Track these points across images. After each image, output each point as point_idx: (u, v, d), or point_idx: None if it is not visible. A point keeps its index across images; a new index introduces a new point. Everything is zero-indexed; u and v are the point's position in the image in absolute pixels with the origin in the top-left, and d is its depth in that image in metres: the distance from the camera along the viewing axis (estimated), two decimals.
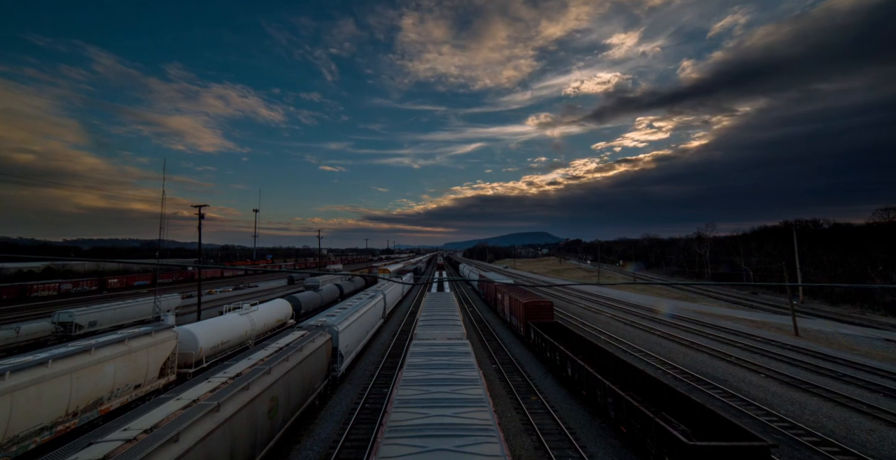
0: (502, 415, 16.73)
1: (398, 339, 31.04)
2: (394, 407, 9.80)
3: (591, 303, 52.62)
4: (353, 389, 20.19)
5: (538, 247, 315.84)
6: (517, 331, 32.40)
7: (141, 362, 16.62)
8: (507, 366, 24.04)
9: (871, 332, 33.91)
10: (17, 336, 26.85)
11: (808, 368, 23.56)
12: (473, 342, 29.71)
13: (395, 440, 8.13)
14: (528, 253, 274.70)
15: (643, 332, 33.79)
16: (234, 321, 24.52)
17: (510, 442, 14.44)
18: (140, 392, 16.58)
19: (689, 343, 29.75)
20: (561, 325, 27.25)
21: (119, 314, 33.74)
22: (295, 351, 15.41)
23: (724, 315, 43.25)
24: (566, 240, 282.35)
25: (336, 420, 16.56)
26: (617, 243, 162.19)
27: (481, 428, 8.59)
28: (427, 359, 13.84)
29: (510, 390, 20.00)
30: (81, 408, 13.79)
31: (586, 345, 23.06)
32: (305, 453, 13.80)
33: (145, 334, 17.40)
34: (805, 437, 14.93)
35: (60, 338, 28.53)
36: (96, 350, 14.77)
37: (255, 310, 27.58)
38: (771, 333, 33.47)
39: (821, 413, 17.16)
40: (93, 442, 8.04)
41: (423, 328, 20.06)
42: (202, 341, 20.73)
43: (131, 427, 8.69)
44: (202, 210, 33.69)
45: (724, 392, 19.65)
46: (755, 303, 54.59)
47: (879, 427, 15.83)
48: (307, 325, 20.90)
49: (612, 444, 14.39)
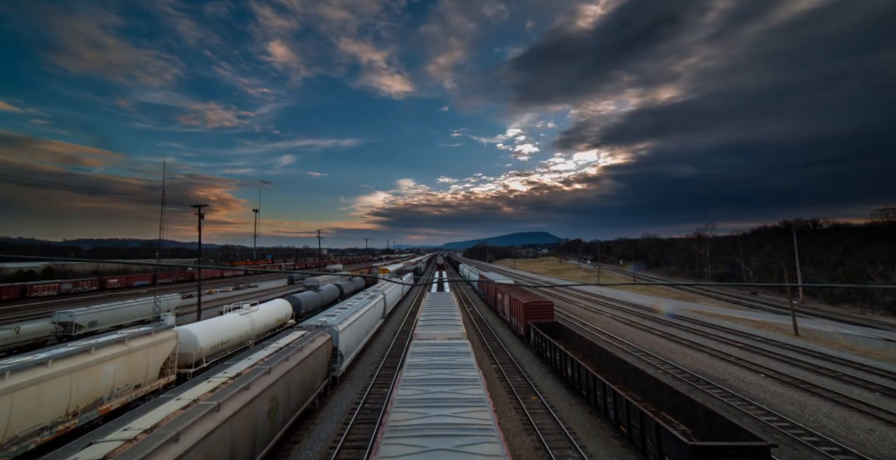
0: (502, 415, 16.73)
1: (398, 339, 31.04)
2: (394, 406, 9.80)
3: (591, 303, 52.62)
4: (353, 389, 20.19)
5: (538, 247, 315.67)
6: (517, 331, 32.40)
7: (141, 362, 16.62)
8: (507, 366, 24.04)
9: (871, 332, 33.91)
10: (17, 336, 26.84)
11: (808, 368, 23.56)
12: (473, 342, 29.70)
13: (395, 440, 8.14)
14: (529, 253, 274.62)
15: (643, 332, 33.79)
16: (234, 321, 24.51)
17: (510, 441, 14.44)
18: (140, 392, 16.57)
19: (689, 343, 29.75)
20: (561, 325, 27.25)
21: (119, 314, 33.73)
22: (295, 351, 15.41)
23: (724, 315, 43.25)
24: (566, 240, 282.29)
25: (336, 420, 16.55)
26: (617, 243, 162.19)
27: (481, 427, 8.59)
28: (427, 359, 13.83)
29: (510, 390, 20.00)
30: (81, 408, 13.79)
31: (586, 344, 23.06)
32: (305, 453, 13.80)
33: (145, 334, 17.40)
34: (805, 437, 14.94)
35: (60, 338, 28.53)
36: (96, 350, 14.77)
37: (255, 310, 27.57)
38: (771, 333, 33.47)
39: (821, 412, 17.17)
40: (93, 442, 8.04)
41: (424, 328, 20.06)
42: (202, 341, 20.72)
43: (131, 427, 8.69)
44: (202, 210, 33.73)
45: (724, 392, 19.65)
46: (755, 303, 54.57)
47: (879, 426, 15.83)
48: (307, 325, 20.90)
49: (612, 444, 14.39)
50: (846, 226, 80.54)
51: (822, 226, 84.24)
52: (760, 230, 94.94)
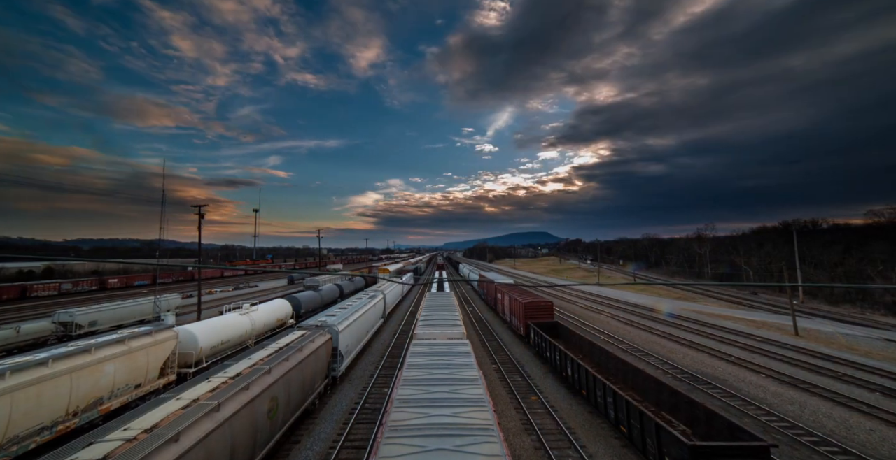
0: (502, 415, 16.72)
1: (398, 339, 31.03)
2: (394, 406, 9.80)
3: (591, 303, 52.61)
4: (353, 389, 20.19)
5: (538, 247, 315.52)
6: (517, 331, 32.40)
7: (141, 362, 16.62)
8: (507, 366, 24.04)
9: (872, 332, 33.91)
10: (17, 336, 26.84)
11: (808, 368, 23.56)
12: (473, 342, 29.70)
13: (395, 439, 8.13)
14: (529, 253, 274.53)
15: (643, 332, 33.78)
16: (235, 321, 24.51)
17: (510, 441, 14.44)
18: (140, 392, 16.58)
19: (689, 342, 29.75)
20: (561, 325, 27.24)
21: (119, 314, 33.74)
22: (295, 351, 15.41)
23: (724, 314, 43.24)
24: (566, 240, 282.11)
25: (336, 419, 16.55)
26: (617, 243, 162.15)
27: (481, 427, 8.59)
28: (427, 359, 13.83)
29: (510, 390, 20.00)
30: (81, 408, 13.79)
31: (586, 344, 23.05)
32: (305, 453, 13.80)
33: (145, 334, 17.40)
34: (805, 437, 14.93)
35: (61, 338, 28.53)
36: (96, 350, 14.77)
37: (256, 309, 27.57)
38: (771, 333, 33.47)
39: (821, 413, 17.16)
40: (93, 442, 8.04)
41: (424, 327, 20.06)
42: (202, 341, 20.71)
43: (131, 427, 8.69)
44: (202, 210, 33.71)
45: (724, 392, 19.65)
46: (755, 303, 54.55)
47: (880, 427, 15.83)
48: (307, 325, 20.89)
49: (612, 444, 14.39)
50: (846, 225, 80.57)
51: (821, 226, 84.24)
52: (760, 230, 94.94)
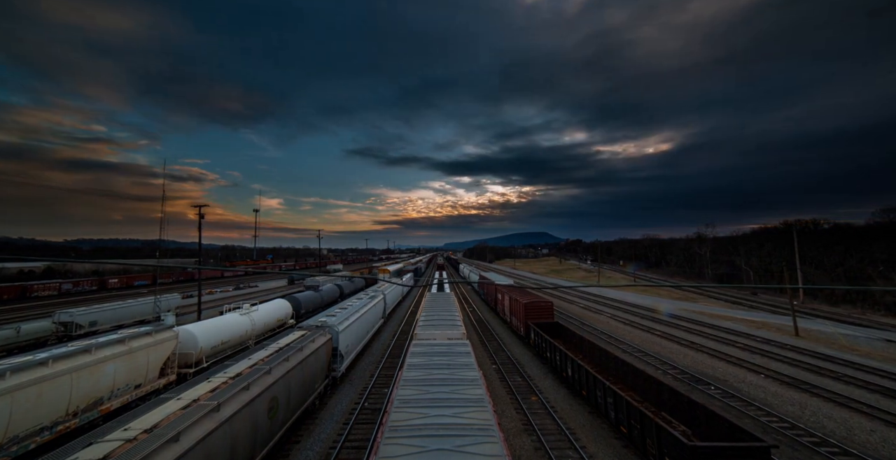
0: (502, 415, 16.72)
1: (398, 339, 31.03)
2: (394, 406, 9.80)
3: (591, 303, 52.60)
4: (353, 389, 20.19)
5: (538, 248, 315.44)
6: (517, 331, 32.40)
7: (141, 362, 16.62)
8: (507, 367, 24.03)
9: (872, 332, 33.87)
10: (17, 336, 26.86)
11: (808, 368, 23.54)
12: (473, 342, 29.70)
13: (395, 440, 8.14)
14: (529, 253, 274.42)
15: (643, 332, 33.77)
16: (235, 321, 24.51)
17: (510, 442, 14.44)
18: (140, 392, 16.58)
19: (689, 343, 29.73)
20: (561, 325, 27.24)
21: (119, 314, 33.76)
22: (295, 351, 15.41)
23: (724, 315, 43.23)
24: (566, 241, 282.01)
25: (336, 420, 16.55)
26: (617, 243, 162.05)
27: (481, 428, 8.59)
28: (427, 359, 13.83)
29: (510, 390, 19.99)
30: (82, 408, 13.79)
31: (586, 344, 23.05)
32: (305, 453, 13.80)
33: (145, 334, 17.41)
34: (805, 438, 14.93)
35: (61, 338, 28.55)
36: (96, 350, 14.78)
37: (256, 310, 27.58)
38: (771, 333, 33.45)
39: (821, 413, 17.15)
40: (93, 442, 8.04)
41: (424, 328, 20.06)
42: (202, 341, 20.72)
43: (131, 427, 8.69)
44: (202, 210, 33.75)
45: (724, 392, 19.64)
46: (755, 303, 54.53)
47: (880, 427, 15.82)
48: (307, 325, 20.89)
49: (612, 444, 14.38)
50: (846, 226, 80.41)
51: (822, 227, 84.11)
52: (760, 230, 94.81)
